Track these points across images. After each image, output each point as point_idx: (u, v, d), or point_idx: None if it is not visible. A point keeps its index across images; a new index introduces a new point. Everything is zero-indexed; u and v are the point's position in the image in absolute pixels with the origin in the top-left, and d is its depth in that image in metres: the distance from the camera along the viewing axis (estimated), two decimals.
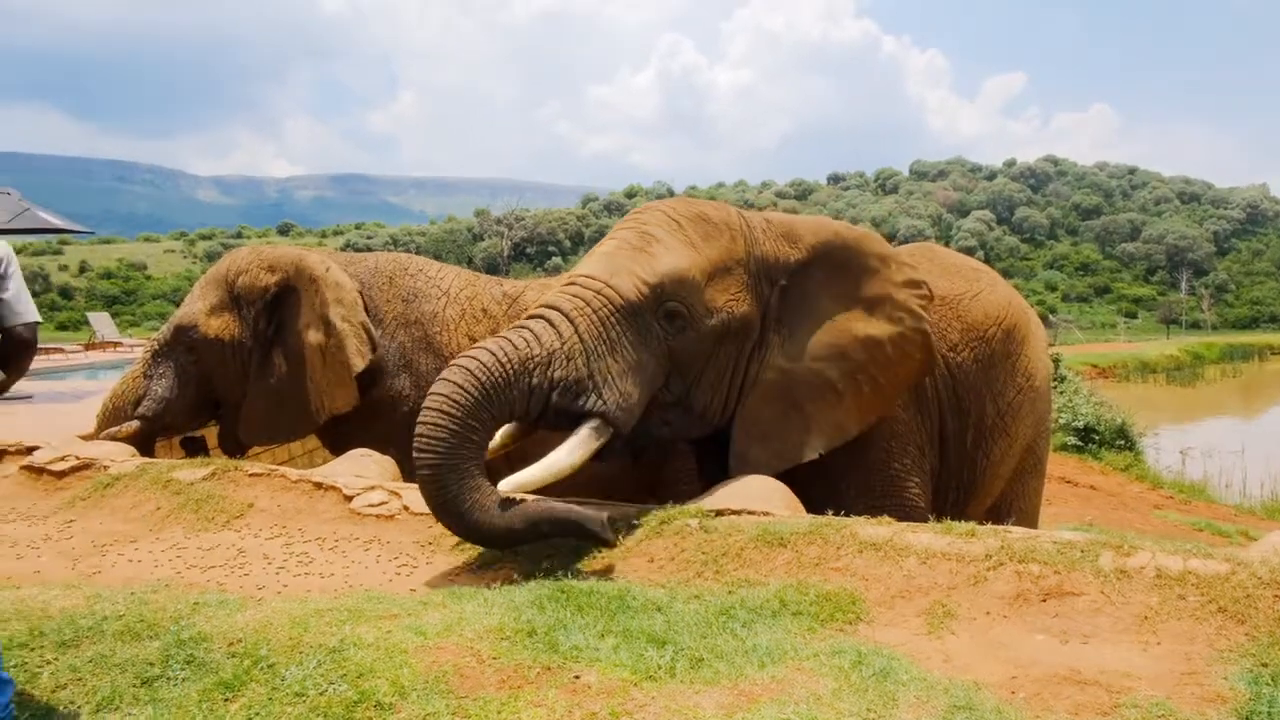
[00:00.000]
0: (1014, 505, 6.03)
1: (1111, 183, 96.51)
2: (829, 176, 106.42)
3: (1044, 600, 3.11)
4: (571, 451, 4.05)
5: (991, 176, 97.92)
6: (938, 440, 5.29)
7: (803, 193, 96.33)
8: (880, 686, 2.55)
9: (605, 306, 4.25)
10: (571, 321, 4.19)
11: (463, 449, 3.77)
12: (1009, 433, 5.54)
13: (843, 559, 3.48)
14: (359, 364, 5.92)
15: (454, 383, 3.84)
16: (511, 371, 3.96)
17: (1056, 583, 3.16)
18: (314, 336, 5.97)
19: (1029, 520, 6.03)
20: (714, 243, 4.58)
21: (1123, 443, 17.24)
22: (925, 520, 4.07)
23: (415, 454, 3.76)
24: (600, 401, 4.12)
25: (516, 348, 4.03)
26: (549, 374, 4.05)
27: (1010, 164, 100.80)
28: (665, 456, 5.51)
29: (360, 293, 6.19)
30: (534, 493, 4.06)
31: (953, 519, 3.80)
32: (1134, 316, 71.14)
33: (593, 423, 4.11)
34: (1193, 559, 3.17)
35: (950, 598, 3.20)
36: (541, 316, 4.23)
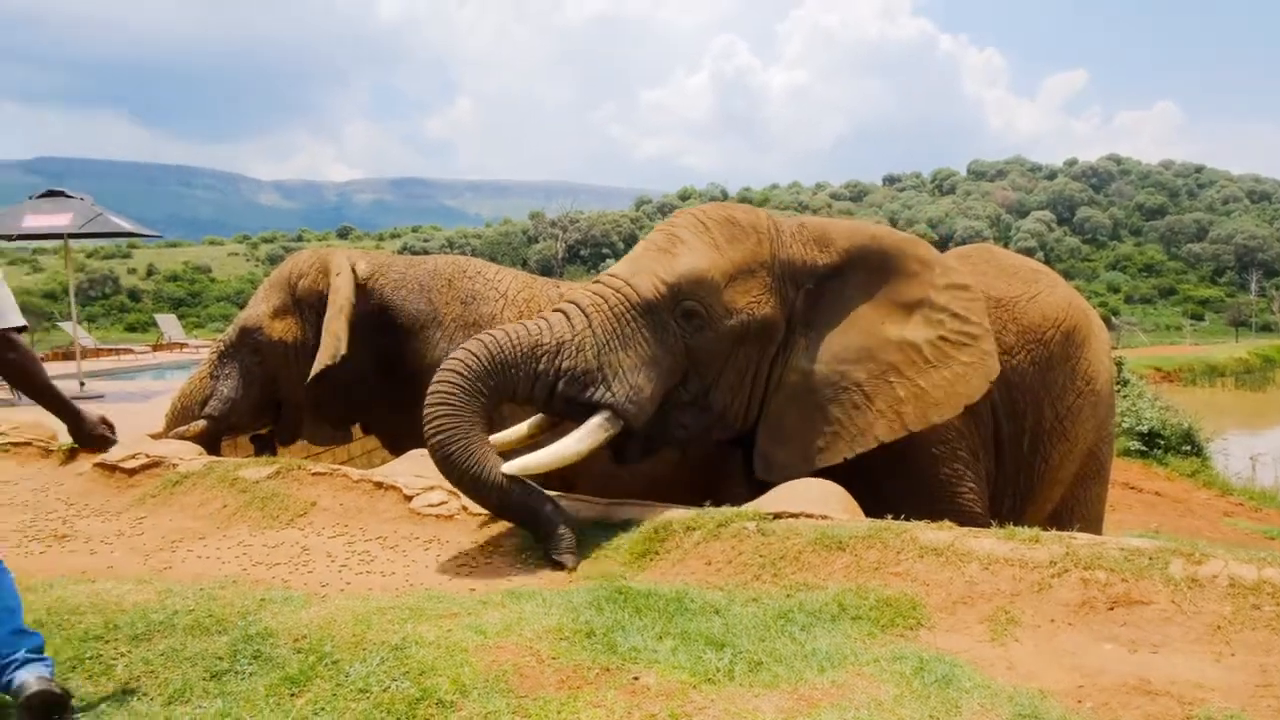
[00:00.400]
0: (1076, 512, 5.88)
1: (1177, 181, 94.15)
2: (885, 177, 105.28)
3: (1111, 608, 3.05)
4: (579, 440, 4.22)
5: (1052, 176, 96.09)
6: (993, 444, 5.19)
7: (858, 194, 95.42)
8: (943, 693, 2.52)
9: (622, 303, 4.40)
10: (587, 315, 4.37)
11: (467, 409, 4.04)
12: (1068, 437, 5.42)
13: (903, 564, 3.45)
14: (321, 364, 5.96)
15: (468, 350, 4.16)
16: (519, 354, 4.19)
17: (1124, 590, 3.09)
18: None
19: (1092, 527, 5.91)
20: (738, 245, 4.62)
21: (1189, 448, 16.80)
22: (982, 525, 4.01)
23: (425, 410, 4.06)
24: (609, 394, 4.26)
25: (530, 333, 4.27)
26: (556, 362, 4.24)
27: (1071, 163, 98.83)
28: (719, 458, 5.50)
29: (420, 294, 6.25)
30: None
31: (1010, 525, 3.74)
32: (1200, 319, 69.31)
33: (603, 414, 4.26)
34: (1268, 568, 3.08)
35: (1014, 604, 3.15)
36: (560, 310, 4.44)
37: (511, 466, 4.10)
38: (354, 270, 6.21)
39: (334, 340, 5.91)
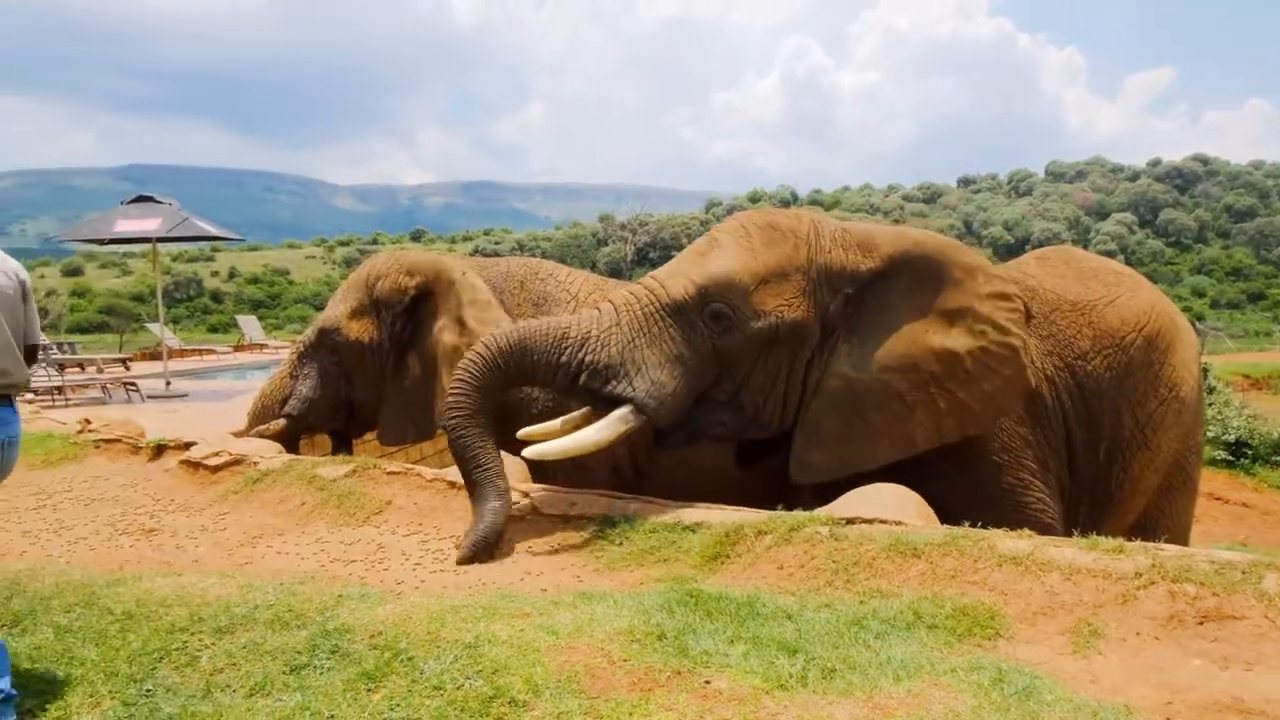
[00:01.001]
0: (1161, 524, 5.69)
1: (1268, 183, 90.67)
2: (959, 179, 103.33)
3: (1201, 623, 2.94)
4: (599, 431, 4.43)
5: (1134, 177, 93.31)
6: (1064, 452, 5.06)
7: (931, 196, 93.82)
8: (1023, 706, 2.45)
9: (654, 303, 4.58)
10: (618, 313, 4.58)
11: (479, 390, 4.40)
12: (1149, 446, 5.24)
13: (980, 572, 3.37)
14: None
15: (497, 333, 4.54)
16: (544, 342, 4.48)
17: (1215, 605, 2.98)
18: (449, 337, 6.11)
19: (1179, 540, 5.70)
20: (774, 249, 4.65)
21: (1279, 458, 16.17)
22: (1054, 534, 3.92)
23: (449, 389, 4.47)
24: (630, 388, 4.44)
25: (560, 325, 4.55)
26: (580, 355, 4.47)
27: (1155, 164, 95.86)
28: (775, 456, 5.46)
29: (494, 296, 6.31)
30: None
31: (1086, 535, 3.63)
32: None
33: (625, 407, 4.44)
34: None
35: (1097, 616, 3.06)
36: (596, 307, 4.72)
37: (530, 452, 4.45)
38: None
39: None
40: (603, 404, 4.51)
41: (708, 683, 2.60)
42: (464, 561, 4.13)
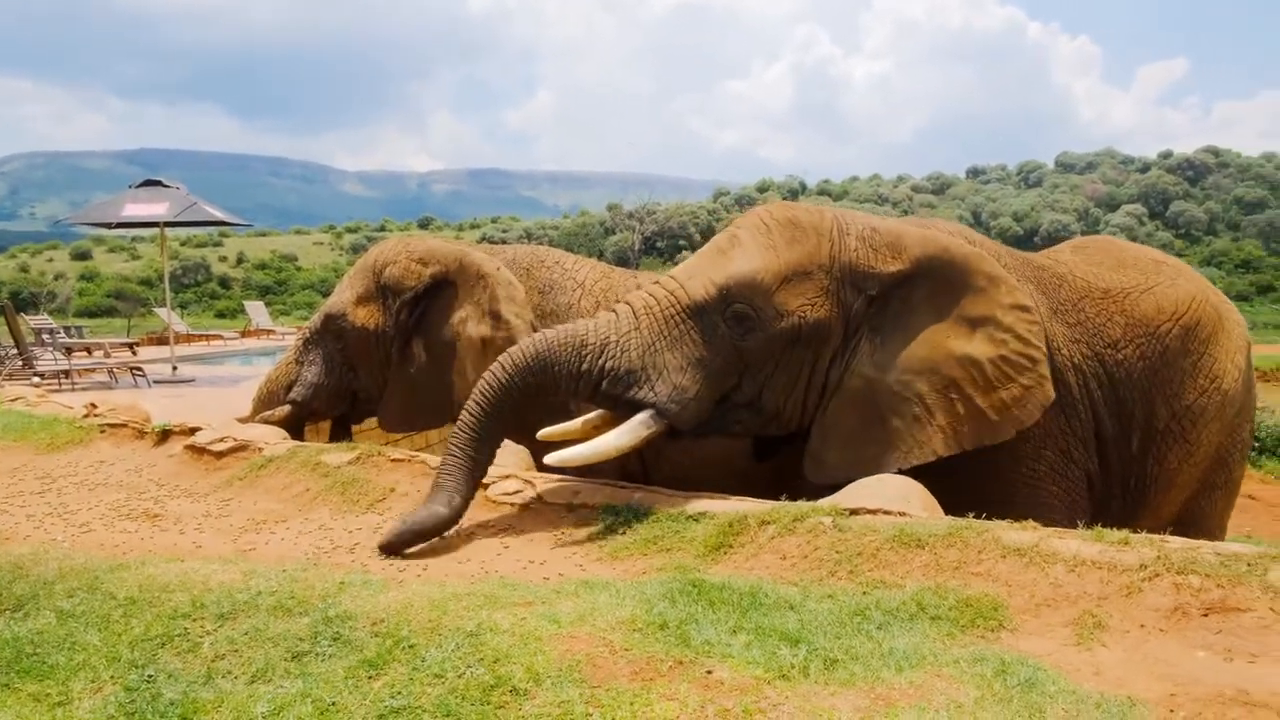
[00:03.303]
0: (1200, 524, 5.51)
1: (1279, 175, 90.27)
2: (969, 170, 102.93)
3: (1205, 615, 2.93)
4: (620, 436, 4.38)
5: (1145, 169, 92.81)
6: (1093, 441, 4.96)
7: (940, 186, 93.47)
8: (1026, 697, 2.44)
9: (673, 305, 4.51)
10: (636, 316, 4.51)
11: (495, 405, 4.39)
12: (1188, 439, 5.12)
13: (984, 563, 3.36)
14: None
15: (518, 348, 4.47)
16: (565, 352, 4.40)
17: (1220, 597, 2.97)
18: (476, 329, 6.06)
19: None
20: (796, 247, 4.59)
21: None
22: (1067, 527, 3.88)
23: (467, 404, 4.46)
24: (652, 393, 4.39)
25: (577, 333, 4.47)
26: (600, 362, 4.40)
27: (1166, 155, 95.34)
28: (796, 454, 5.43)
29: None
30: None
31: (1120, 528, 3.58)
32: None
33: (647, 412, 4.39)
34: None
35: (1101, 608, 3.04)
36: (613, 310, 4.62)
37: (553, 458, 4.38)
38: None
39: (531, 330, 5.98)
40: (624, 409, 4.45)
41: (709, 672, 2.59)
42: (382, 548, 4.12)
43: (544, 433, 4.59)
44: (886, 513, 3.84)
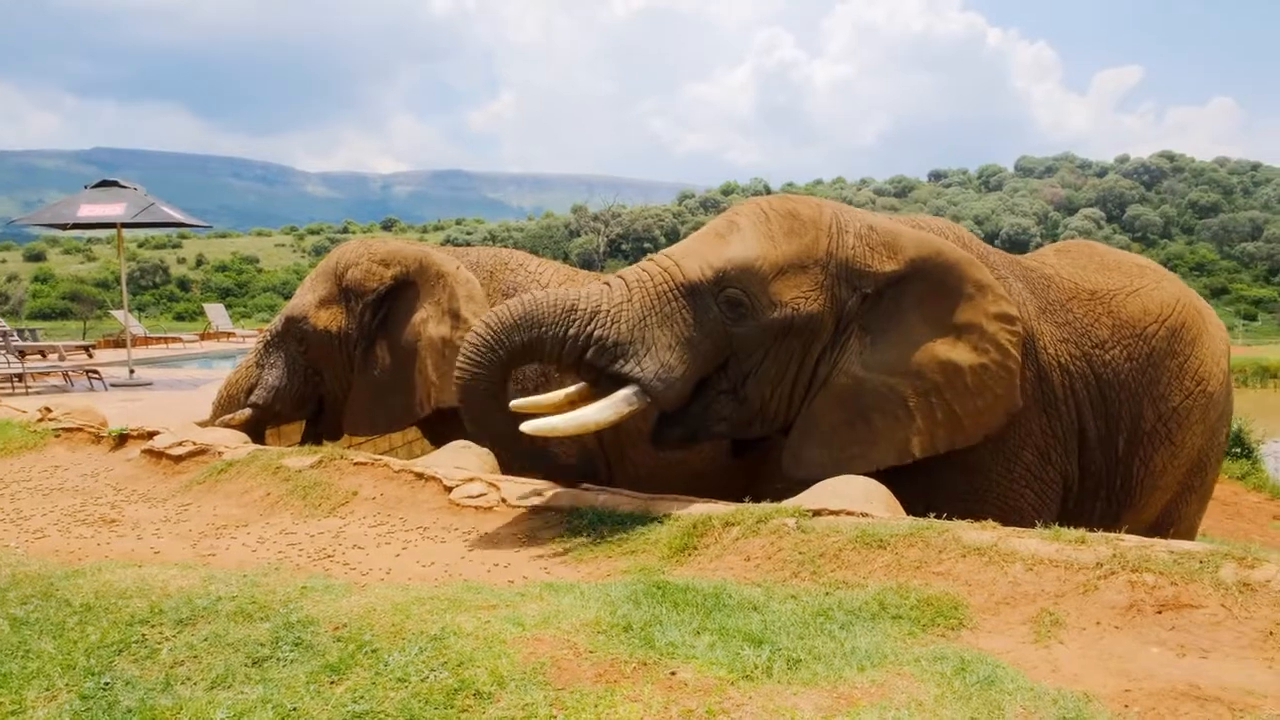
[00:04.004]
0: (1176, 526, 5.57)
1: (1232, 179, 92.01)
2: (930, 173, 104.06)
3: (1159, 612, 2.98)
4: (601, 410, 4.32)
5: (1102, 173, 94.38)
6: (1075, 442, 4.99)
7: (902, 190, 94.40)
8: (985, 695, 2.48)
9: (667, 282, 4.47)
10: (629, 289, 4.46)
11: (486, 363, 4.35)
12: (1173, 441, 5.17)
13: (945, 563, 3.40)
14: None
15: (505, 307, 4.41)
16: (553, 315, 4.35)
17: (1173, 594, 3.03)
18: (436, 329, 6.04)
19: None
20: (795, 239, 4.57)
21: (1239, 450, 16.41)
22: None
23: (457, 362, 4.40)
24: (639, 368, 4.34)
25: (568, 298, 4.40)
26: (588, 329, 4.35)
27: (1122, 160, 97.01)
28: (760, 454, 5.45)
29: None
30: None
31: (1105, 530, 3.63)
32: (1253, 319, 67.72)
33: (631, 388, 4.33)
34: None
35: (1058, 606, 3.09)
36: (605, 281, 4.57)
37: (529, 426, 4.29)
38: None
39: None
40: (607, 382, 4.39)
41: (673, 674, 2.60)
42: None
43: (519, 404, 4.48)
44: (849, 513, 3.87)
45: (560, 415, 4.37)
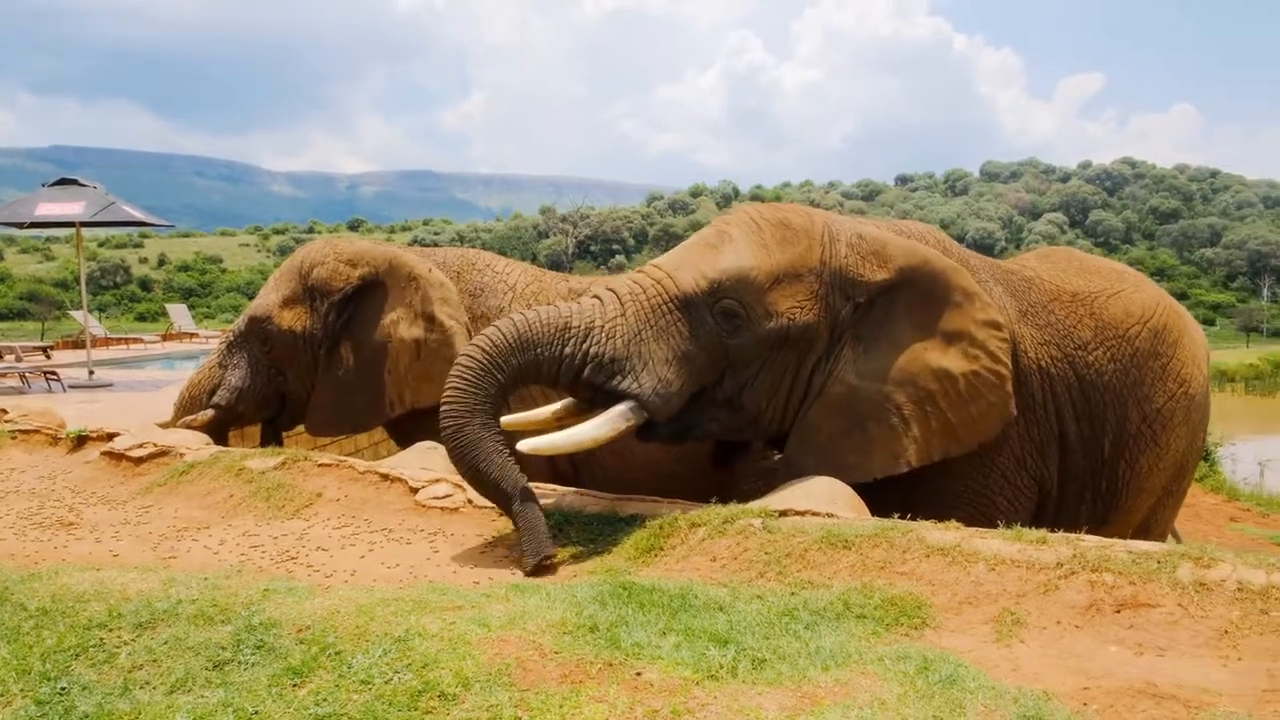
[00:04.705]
0: (1154, 529, 5.57)
1: (1191, 186, 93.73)
2: (897, 177, 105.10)
3: (1118, 611, 3.03)
4: (598, 427, 4.21)
5: (1065, 179, 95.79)
6: (1055, 447, 4.99)
7: (870, 193, 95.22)
8: (947, 693, 2.50)
9: (661, 295, 4.38)
10: (622, 303, 4.36)
11: (481, 388, 4.07)
12: (1159, 443, 5.17)
13: (909, 563, 3.43)
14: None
15: (496, 328, 4.22)
16: (547, 335, 4.20)
17: (1131, 593, 3.07)
18: (409, 331, 6.00)
19: None
20: (788, 249, 4.53)
21: None
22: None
23: (445, 390, 4.11)
24: (636, 384, 4.25)
25: (561, 315, 4.27)
26: (583, 347, 4.23)
27: (1085, 166, 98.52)
28: (742, 455, 5.43)
29: None
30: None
31: (1092, 532, 3.64)
32: (1212, 324, 68.97)
33: (628, 404, 4.24)
34: (1276, 573, 3.06)
35: (1020, 605, 3.13)
36: (597, 295, 4.44)
37: (525, 445, 4.14)
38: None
39: (465, 331, 5.95)
40: (603, 398, 4.30)
41: (639, 674, 2.60)
42: (534, 574, 3.82)
43: (509, 420, 4.39)
44: (815, 514, 3.89)
45: (558, 433, 4.27)
